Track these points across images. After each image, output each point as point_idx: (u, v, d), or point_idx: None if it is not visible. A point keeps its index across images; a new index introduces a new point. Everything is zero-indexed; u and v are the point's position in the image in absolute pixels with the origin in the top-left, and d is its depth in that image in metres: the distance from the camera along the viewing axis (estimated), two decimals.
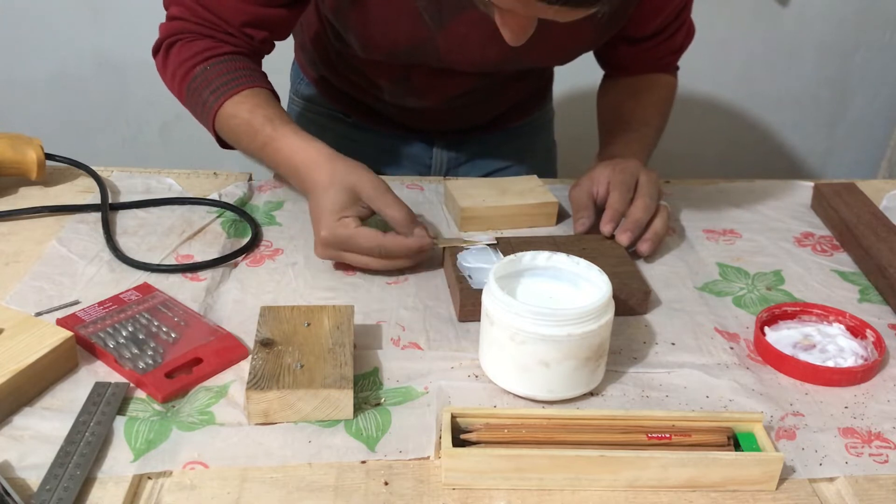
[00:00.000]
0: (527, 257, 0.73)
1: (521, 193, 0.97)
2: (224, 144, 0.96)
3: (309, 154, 0.86)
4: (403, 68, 1.03)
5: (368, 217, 0.84)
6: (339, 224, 0.81)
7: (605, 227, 0.88)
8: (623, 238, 0.88)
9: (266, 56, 1.00)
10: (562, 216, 0.99)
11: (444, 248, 0.86)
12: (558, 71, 1.24)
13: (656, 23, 1.03)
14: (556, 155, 1.34)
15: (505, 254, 0.77)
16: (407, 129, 1.18)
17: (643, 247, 0.89)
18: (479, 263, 0.83)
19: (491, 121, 1.20)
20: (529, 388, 0.68)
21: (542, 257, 0.74)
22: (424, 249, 0.83)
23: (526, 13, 0.72)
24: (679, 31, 1.07)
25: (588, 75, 1.16)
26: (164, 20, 0.98)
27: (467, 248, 0.85)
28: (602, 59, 1.14)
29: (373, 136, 1.19)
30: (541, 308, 0.65)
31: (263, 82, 0.94)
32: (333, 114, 1.20)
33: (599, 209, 0.92)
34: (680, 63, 1.13)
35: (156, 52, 0.99)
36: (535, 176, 1.01)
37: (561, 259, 0.73)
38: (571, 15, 0.69)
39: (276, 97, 0.95)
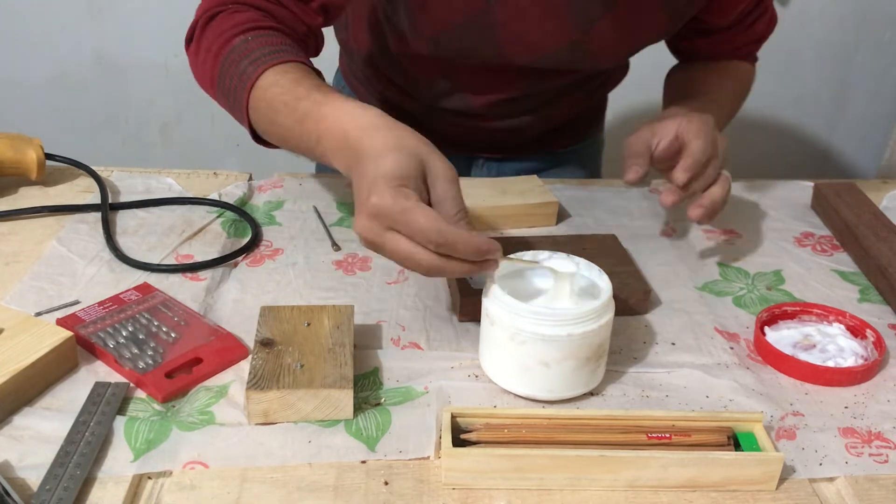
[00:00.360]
0: (527, 257, 0.73)
1: (521, 193, 0.97)
2: (255, 135, 0.82)
3: (366, 117, 0.69)
4: (451, 63, 0.97)
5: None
6: (399, 192, 0.62)
7: (679, 176, 0.79)
8: (695, 213, 0.81)
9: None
10: (562, 216, 0.99)
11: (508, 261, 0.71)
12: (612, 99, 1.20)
13: (737, 11, 0.97)
14: None
15: (504, 254, 0.77)
16: (445, 142, 1.14)
17: (695, 212, 0.81)
18: None
19: (536, 139, 1.13)
20: (529, 388, 0.68)
21: (542, 257, 0.74)
22: (490, 253, 0.65)
23: None
24: (760, 20, 1.01)
25: (640, 102, 1.12)
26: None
27: (475, 279, 0.78)
28: (675, 48, 1.08)
29: None
30: (541, 308, 0.65)
31: (308, 62, 0.81)
32: None
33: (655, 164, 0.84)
34: None
35: (189, 38, 0.86)
36: (535, 176, 1.01)
37: (561, 259, 0.73)
38: None
39: (323, 79, 0.81)
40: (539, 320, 0.65)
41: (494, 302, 0.67)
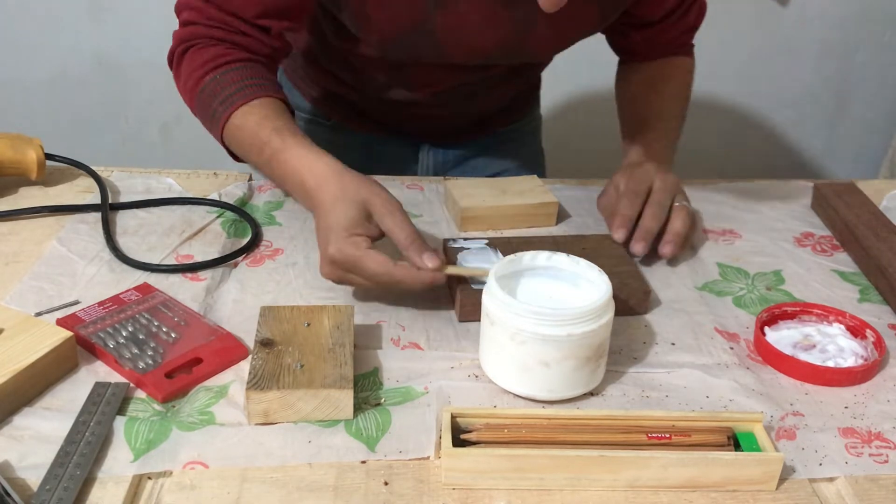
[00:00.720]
0: (527, 257, 0.73)
1: (521, 193, 0.97)
2: (236, 157, 0.92)
3: (318, 167, 0.80)
4: (395, 62, 1.01)
5: (379, 238, 0.78)
6: (350, 242, 0.75)
7: (616, 234, 0.87)
8: (636, 248, 0.86)
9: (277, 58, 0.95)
10: (562, 216, 0.99)
11: (454, 274, 0.79)
12: (545, 77, 1.24)
13: (665, 8, 1.01)
14: (544, 162, 1.33)
15: (505, 254, 0.77)
16: (391, 130, 1.16)
17: (664, 249, 0.87)
18: (479, 264, 0.82)
19: (477, 123, 1.19)
20: (529, 388, 0.68)
21: (542, 257, 0.74)
22: (434, 281, 0.76)
23: None
24: (691, 9, 1.05)
25: (575, 84, 1.16)
26: (173, 25, 0.94)
27: (475, 279, 0.79)
28: (615, 46, 1.12)
29: (356, 139, 1.16)
30: (541, 308, 0.65)
31: (275, 92, 0.90)
32: (315, 118, 1.17)
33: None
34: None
35: (170, 60, 0.94)
36: (535, 176, 1.01)
37: (561, 259, 0.73)
38: None
39: (288, 107, 0.90)
40: (539, 320, 0.65)
41: (494, 302, 0.67)
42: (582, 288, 0.72)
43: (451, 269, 0.78)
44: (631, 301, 0.80)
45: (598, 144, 2.12)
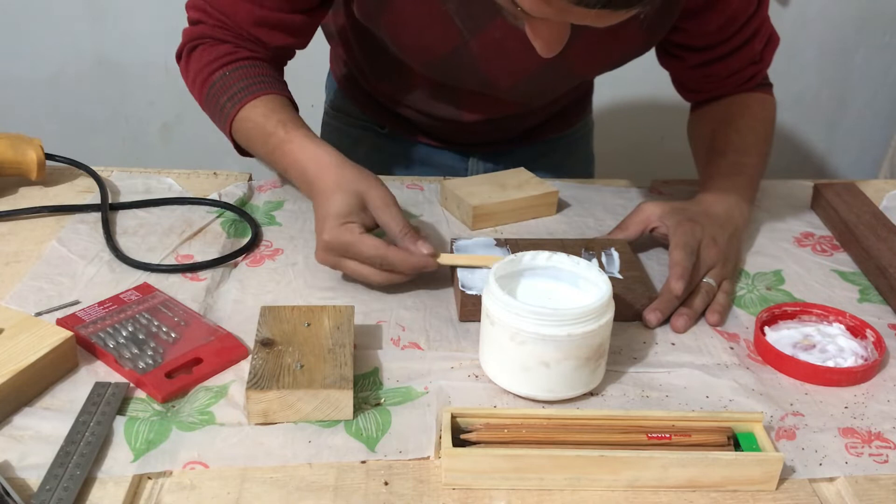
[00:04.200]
0: (527, 257, 0.73)
1: (520, 186, 0.99)
2: (242, 151, 0.95)
3: (318, 157, 0.84)
4: (441, 84, 1.00)
5: (373, 229, 0.81)
6: (344, 229, 0.78)
7: (675, 285, 0.79)
8: (677, 323, 0.79)
9: (296, 65, 0.97)
10: (561, 206, 1.00)
11: (448, 265, 0.82)
12: (598, 81, 1.20)
13: (718, 22, 0.94)
14: (594, 166, 1.29)
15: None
16: (441, 140, 1.15)
17: (677, 322, 0.79)
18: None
19: (528, 132, 1.16)
20: (529, 388, 0.68)
21: (542, 257, 0.74)
22: (427, 269, 0.80)
23: (561, 19, 0.65)
24: (755, 39, 0.98)
25: (627, 86, 1.11)
26: (173, 25, 0.96)
27: (469, 268, 0.81)
28: (678, 83, 1.07)
29: (407, 146, 1.17)
30: (541, 308, 0.65)
31: (280, 89, 0.93)
32: (367, 125, 1.17)
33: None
34: None
35: (178, 56, 0.97)
36: (523, 168, 1.03)
37: (561, 259, 0.73)
38: (610, 19, 0.63)
39: (293, 104, 0.93)
40: (539, 320, 0.65)
41: (494, 302, 0.67)
42: (582, 288, 0.72)
43: (445, 258, 0.81)
44: (636, 306, 0.79)
45: (643, 145, 2.12)
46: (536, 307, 0.65)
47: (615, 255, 0.84)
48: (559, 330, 0.65)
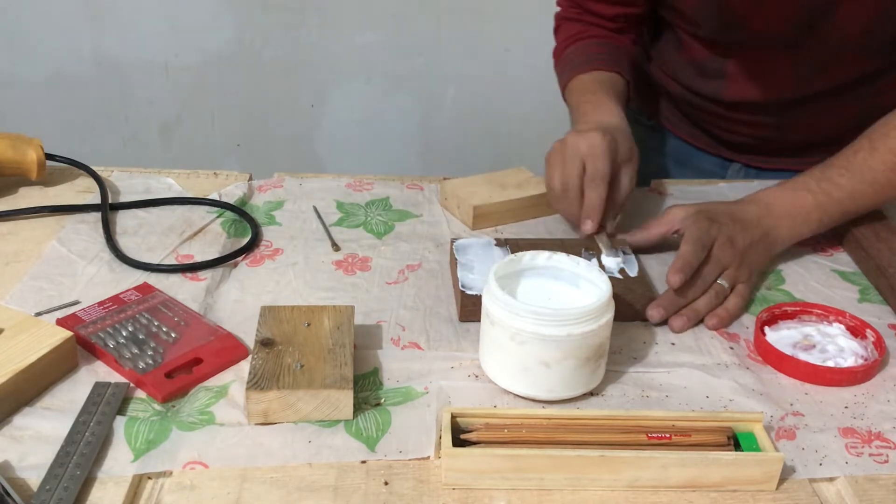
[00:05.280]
0: (527, 257, 0.73)
1: (519, 186, 0.99)
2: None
3: (596, 114, 0.94)
4: (723, 47, 1.02)
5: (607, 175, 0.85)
6: (604, 139, 0.84)
7: (671, 279, 0.78)
8: (676, 323, 0.78)
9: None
10: None
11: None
12: None
13: None
14: None
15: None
16: (708, 135, 1.13)
17: (676, 323, 0.78)
18: (485, 263, 0.82)
19: (802, 145, 1.05)
20: (529, 388, 0.68)
21: (542, 257, 0.74)
22: (586, 218, 0.85)
23: None
24: None
25: None
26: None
27: (466, 284, 0.78)
28: None
29: (668, 142, 1.18)
30: (541, 308, 0.65)
31: (612, 66, 1.04)
32: (636, 116, 1.17)
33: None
34: None
35: (554, 32, 1.16)
36: (523, 168, 1.03)
37: (561, 259, 0.73)
38: None
39: (623, 80, 1.04)
40: (539, 320, 0.65)
41: (494, 302, 0.67)
42: (582, 288, 0.72)
43: (598, 239, 0.86)
44: (637, 306, 0.79)
45: None
46: (536, 307, 0.65)
47: (633, 256, 0.84)
48: (559, 330, 0.65)
